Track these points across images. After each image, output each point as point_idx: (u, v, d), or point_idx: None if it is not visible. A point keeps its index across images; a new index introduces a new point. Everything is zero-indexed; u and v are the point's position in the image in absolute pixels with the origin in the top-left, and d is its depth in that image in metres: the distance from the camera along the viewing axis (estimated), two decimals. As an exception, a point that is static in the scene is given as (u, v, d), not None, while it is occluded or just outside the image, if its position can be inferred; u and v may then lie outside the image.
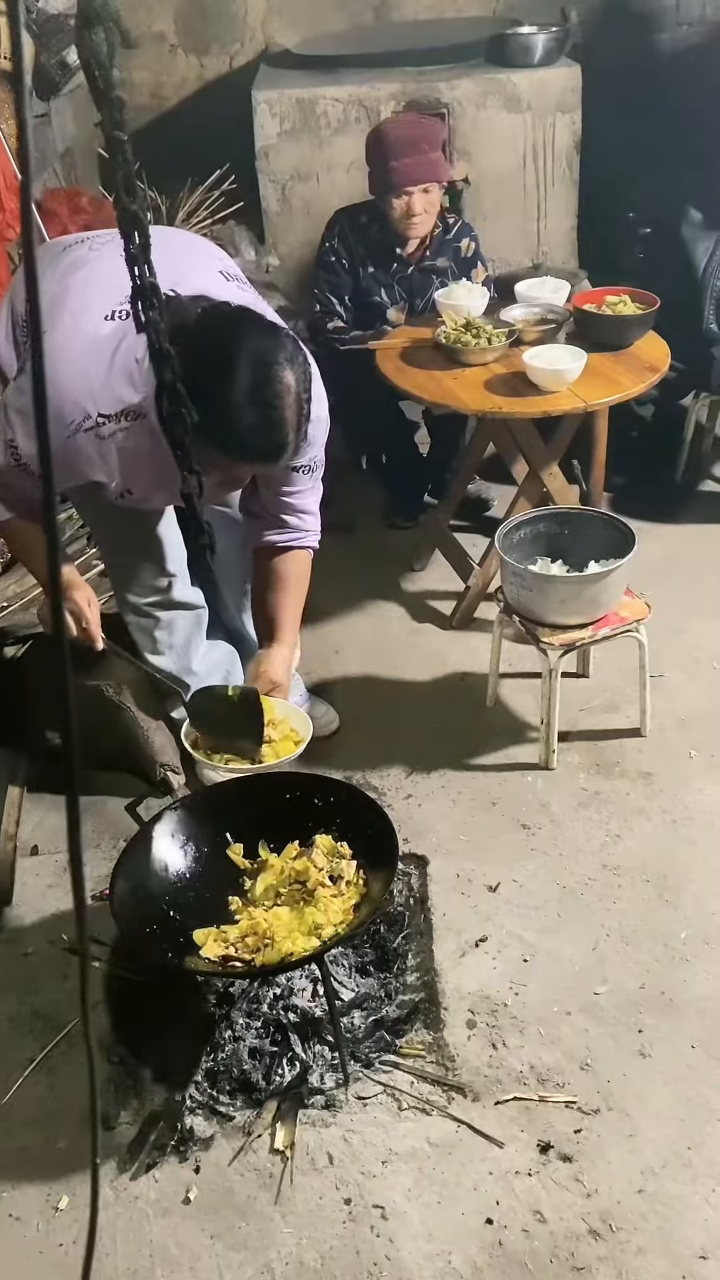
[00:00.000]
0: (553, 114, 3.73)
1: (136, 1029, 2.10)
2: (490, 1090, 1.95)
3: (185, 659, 2.51)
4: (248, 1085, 1.98)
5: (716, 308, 3.31)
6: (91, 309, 1.87)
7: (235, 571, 2.43)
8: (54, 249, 2.13)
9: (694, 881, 2.31)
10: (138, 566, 2.35)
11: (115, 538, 2.37)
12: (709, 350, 3.27)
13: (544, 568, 2.57)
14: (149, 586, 2.38)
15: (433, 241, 3.23)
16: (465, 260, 3.31)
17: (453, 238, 3.27)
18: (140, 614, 2.43)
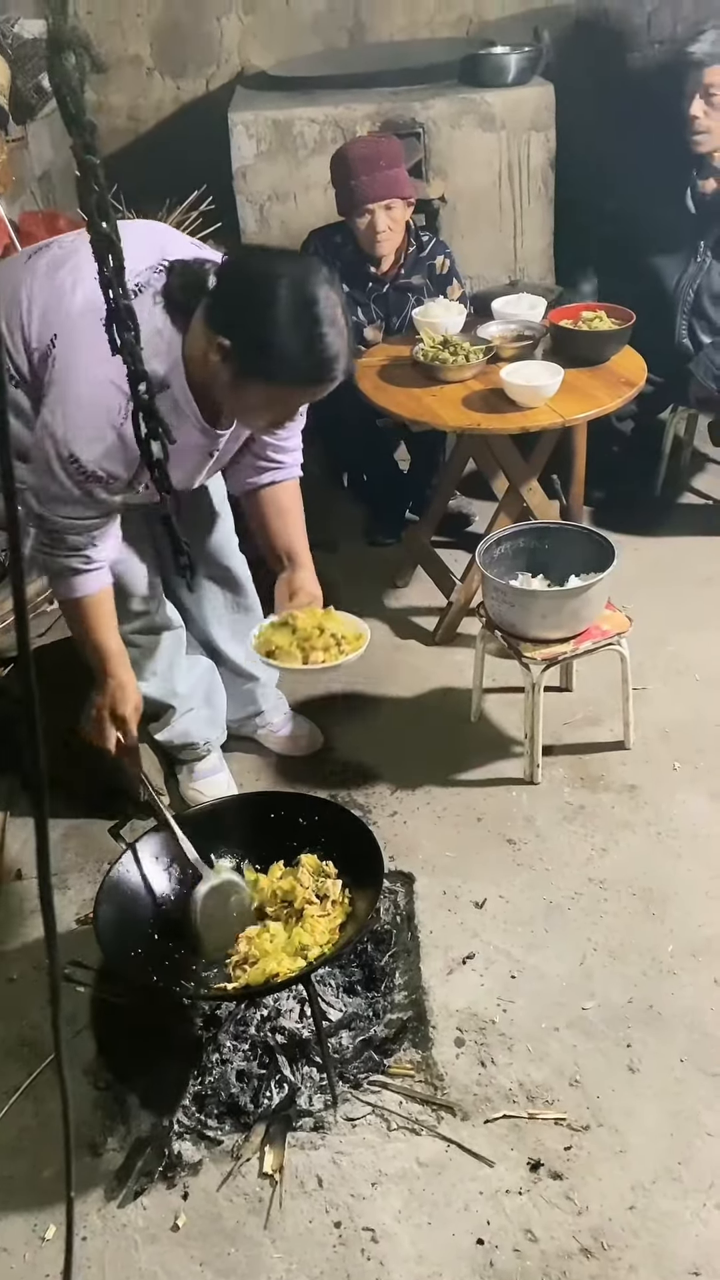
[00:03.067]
0: (527, 132, 3.76)
1: (123, 1053, 2.08)
2: (479, 1108, 1.94)
3: (169, 682, 2.50)
4: (236, 1108, 1.96)
5: (689, 322, 3.34)
6: (94, 296, 1.76)
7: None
8: (19, 260, 2.09)
9: (679, 894, 2.31)
10: (119, 594, 2.26)
11: None
12: (684, 364, 3.29)
13: (525, 583, 2.58)
14: (131, 613, 2.34)
15: (407, 259, 3.25)
16: (440, 277, 3.33)
17: (427, 255, 3.29)
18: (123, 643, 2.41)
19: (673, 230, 3.30)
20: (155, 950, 1.99)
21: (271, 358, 1.76)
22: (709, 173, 3.21)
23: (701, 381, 3.25)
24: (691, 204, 3.25)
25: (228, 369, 1.80)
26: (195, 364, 1.86)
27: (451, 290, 3.34)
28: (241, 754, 2.80)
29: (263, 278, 1.76)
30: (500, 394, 2.77)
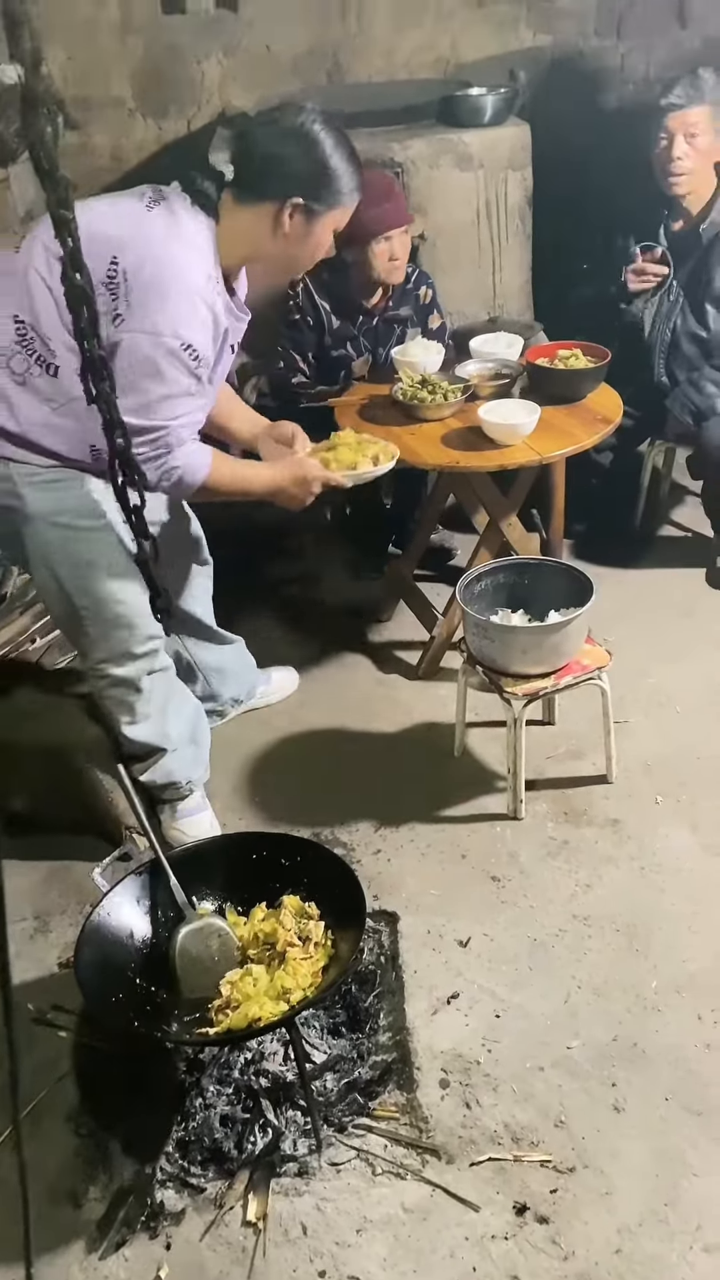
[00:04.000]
0: (504, 171, 3.80)
1: (105, 1099, 2.06)
2: (465, 1151, 1.93)
3: (162, 725, 2.49)
4: (219, 1155, 1.94)
5: (666, 361, 3.37)
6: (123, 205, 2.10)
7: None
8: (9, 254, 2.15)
9: (663, 929, 2.31)
10: (120, 634, 2.31)
11: (99, 600, 2.28)
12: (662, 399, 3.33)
13: (505, 618, 2.59)
14: (131, 655, 2.35)
15: (395, 291, 3.31)
16: (424, 307, 3.40)
17: (413, 286, 3.37)
18: (120, 685, 2.39)
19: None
20: (137, 994, 1.97)
21: (333, 187, 2.11)
22: (679, 214, 3.25)
23: (678, 417, 3.29)
24: (663, 242, 3.30)
25: (299, 221, 2.12)
26: (237, 246, 2.14)
27: (432, 319, 3.39)
28: (224, 793, 2.80)
29: (294, 133, 2.08)
30: (479, 431, 2.80)
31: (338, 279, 3.23)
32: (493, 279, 3.94)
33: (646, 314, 3.36)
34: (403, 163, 3.74)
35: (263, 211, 2.11)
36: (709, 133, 3.09)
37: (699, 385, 3.26)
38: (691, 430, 3.29)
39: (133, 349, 2.02)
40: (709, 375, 3.26)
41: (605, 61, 4.23)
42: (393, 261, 3.17)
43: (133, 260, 2.01)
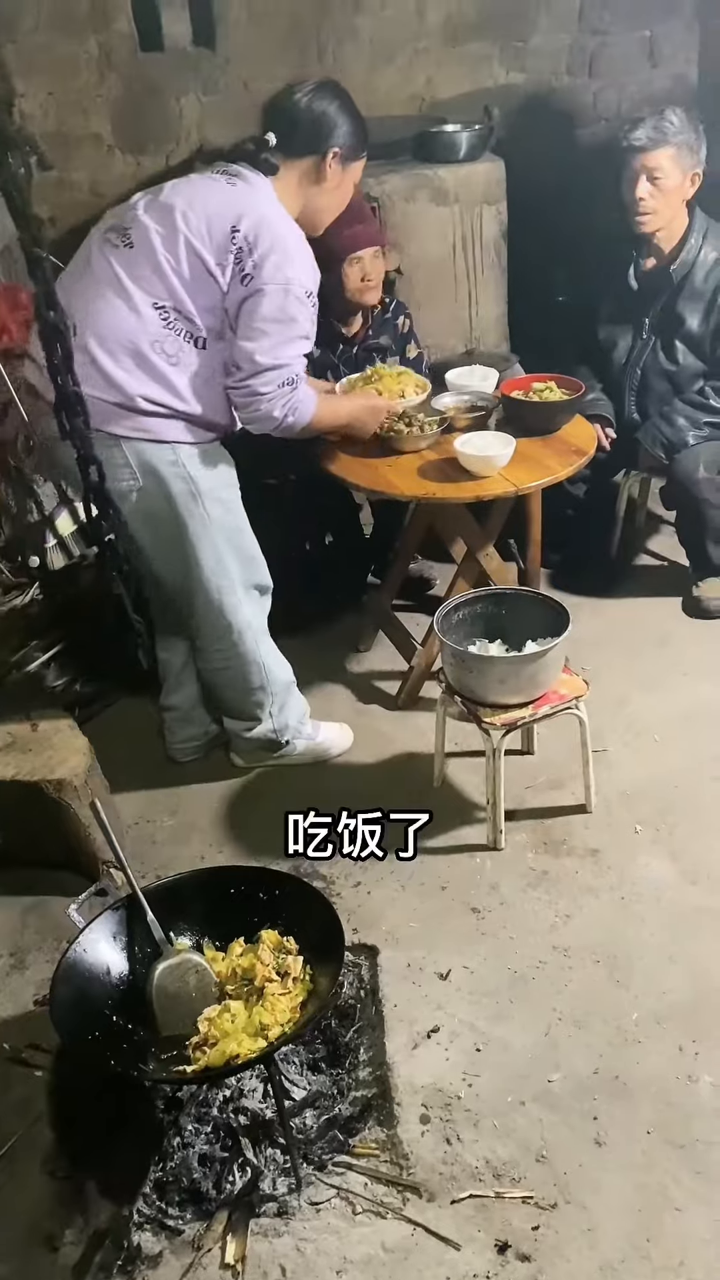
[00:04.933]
0: (479, 206, 3.86)
1: (81, 1140, 2.03)
2: (446, 1189, 1.91)
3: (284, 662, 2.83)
4: (197, 1195, 1.92)
5: (637, 398, 3.41)
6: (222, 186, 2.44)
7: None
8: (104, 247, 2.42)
9: (643, 959, 2.31)
10: (260, 571, 2.68)
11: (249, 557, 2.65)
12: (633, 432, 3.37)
13: (483, 648, 2.60)
14: (266, 587, 2.72)
15: (374, 320, 3.36)
16: (402, 336, 3.44)
17: (391, 316, 3.42)
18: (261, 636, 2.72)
19: (618, 304, 3.39)
20: (114, 1032, 1.95)
21: (358, 137, 2.53)
22: (649, 251, 3.30)
23: (650, 450, 3.32)
24: (634, 281, 3.34)
25: (336, 169, 2.50)
26: (290, 201, 2.48)
27: (410, 349, 3.43)
28: (203, 826, 2.79)
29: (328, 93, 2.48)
30: (454, 463, 2.82)
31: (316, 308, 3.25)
32: (469, 312, 3.99)
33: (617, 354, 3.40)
34: (379, 197, 3.79)
35: (307, 165, 2.49)
36: (675, 174, 3.11)
37: (670, 419, 3.29)
38: (663, 463, 3.32)
39: (267, 299, 2.36)
40: (680, 409, 3.30)
41: (578, 99, 4.29)
42: (365, 282, 3.20)
43: (249, 226, 2.34)
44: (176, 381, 2.40)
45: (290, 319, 2.40)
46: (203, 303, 2.37)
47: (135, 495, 2.45)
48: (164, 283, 2.35)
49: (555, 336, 3.68)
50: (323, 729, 2.96)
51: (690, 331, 3.28)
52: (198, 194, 2.41)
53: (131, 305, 2.35)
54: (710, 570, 3.40)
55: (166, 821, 2.81)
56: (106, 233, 2.44)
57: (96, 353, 2.35)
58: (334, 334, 3.32)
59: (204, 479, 2.49)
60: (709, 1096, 2.02)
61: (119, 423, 2.39)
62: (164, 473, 2.44)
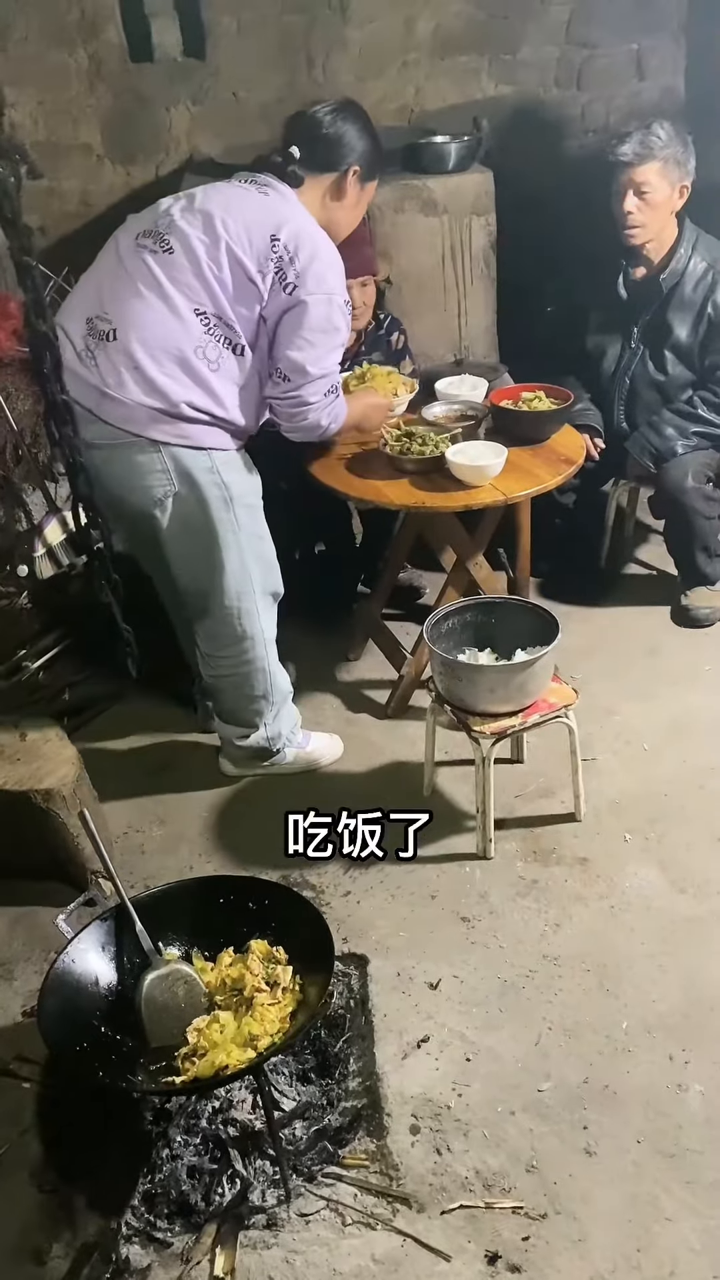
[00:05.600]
0: (468, 216, 3.88)
1: (69, 1152, 2.02)
2: (436, 1199, 1.90)
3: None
4: (186, 1207, 1.90)
5: (626, 407, 3.43)
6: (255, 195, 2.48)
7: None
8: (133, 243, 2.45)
9: (633, 968, 2.31)
10: (274, 578, 2.70)
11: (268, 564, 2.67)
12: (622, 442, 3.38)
13: (472, 657, 2.60)
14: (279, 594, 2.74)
15: (367, 336, 3.37)
16: (395, 353, 3.45)
17: (385, 332, 3.44)
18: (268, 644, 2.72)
19: (607, 314, 3.40)
20: (102, 1043, 1.94)
21: (377, 159, 2.59)
22: (638, 261, 3.31)
23: (638, 459, 3.33)
24: (623, 290, 3.36)
25: (355, 187, 2.56)
26: (312, 213, 2.51)
27: (404, 365, 3.44)
28: (191, 836, 2.78)
29: (352, 114, 2.55)
30: (445, 472, 2.82)
31: None
32: (458, 322, 4.00)
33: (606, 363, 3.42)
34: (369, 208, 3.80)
35: (327, 181, 2.54)
36: (662, 188, 3.12)
37: (658, 428, 3.31)
38: (651, 473, 3.34)
39: (313, 309, 2.41)
40: (668, 419, 3.31)
41: (566, 111, 4.32)
42: (354, 310, 3.19)
43: (288, 235, 2.38)
44: (219, 388, 2.42)
45: (335, 328, 2.47)
46: (242, 310, 2.41)
47: (171, 501, 2.46)
48: (206, 289, 2.38)
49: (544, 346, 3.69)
50: (313, 738, 2.95)
51: (679, 341, 3.29)
52: (233, 202, 2.44)
53: (174, 310, 2.36)
54: (699, 579, 3.41)
55: (155, 831, 2.81)
56: (140, 238, 2.43)
57: (140, 358, 2.35)
58: None
59: (236, 485, 2.52)
60: (699, 1106, 2.02)
61: (160, 428, 2.39)
62: (200, 480, 2.45)
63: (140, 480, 2.43)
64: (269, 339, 2.46)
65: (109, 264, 2.47)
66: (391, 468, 2.90)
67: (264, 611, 2.68)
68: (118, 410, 2.36)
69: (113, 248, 2.49)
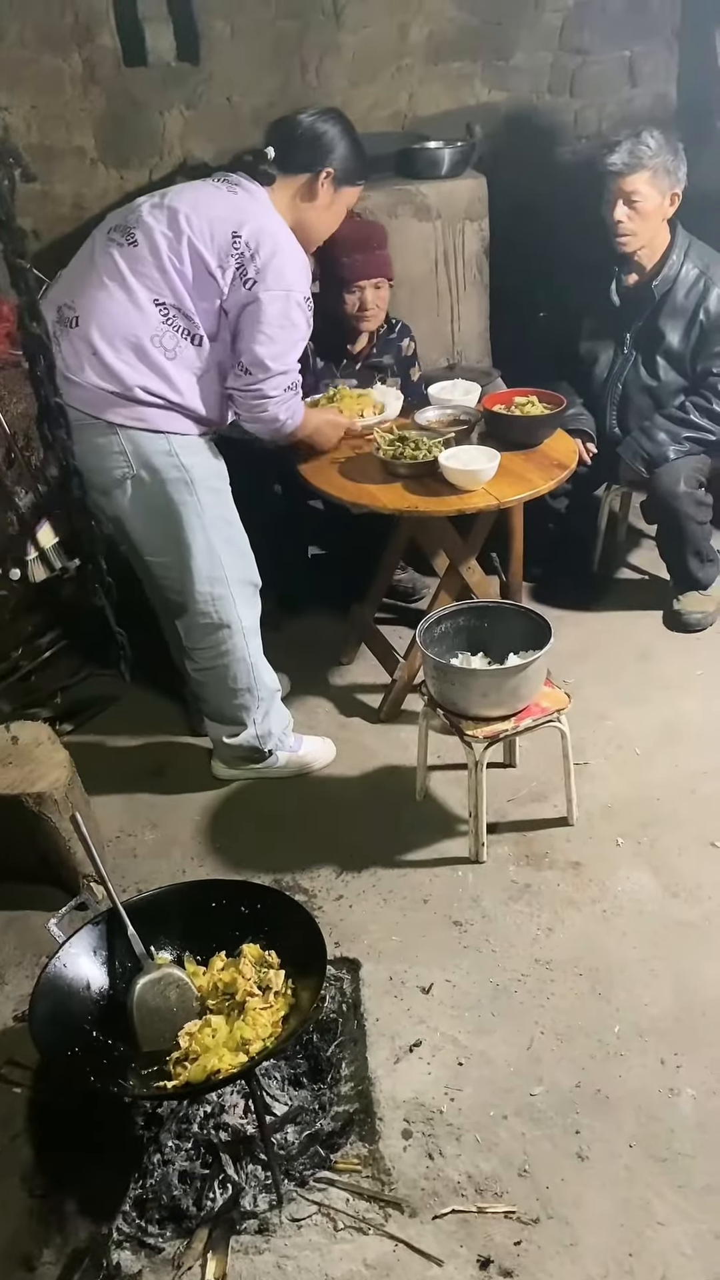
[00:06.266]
0: (461, 222, 3.88)
1: (60, 1157, 2.01)
2: (428, 1204, 1.90)
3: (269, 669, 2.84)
4: (177, 1213, 1.90)
5: (618, 413, 3.44)
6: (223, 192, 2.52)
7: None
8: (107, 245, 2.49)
9: (625, 972, 2.31)
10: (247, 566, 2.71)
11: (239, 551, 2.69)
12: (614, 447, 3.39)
13: (465, 661, 2.61)
14: (256, 583, 2.73)
15: (378, 339, 3.40)
16: (405, 359, 3.48)
17: (396, 336, 3.46)
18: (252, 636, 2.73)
19: (599, 320, 3.41)
20: (94, 1048, 1.94)
21: (353, 164, 2.61)
22: (631, 267, 3.32)
23: (630, 464, 3.34)
24: (615, 297, 3.37)
25: (328, 190, 2.58)
26: (284, 213, 2.54)
27: (413, 372, 3.46)
28: (184, 839, 2.78)
29: (329, 118, 2.58)
30: (438, 476, 2.82)
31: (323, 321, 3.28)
32: (451, 327, 4.01)
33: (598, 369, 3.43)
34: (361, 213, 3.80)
35: (300, 181, 2.57)
36: (652, 196, 3.13)
37: (651, 434, 3.31)
38: (643, 478, 3.34)
39: (270, 305, 2.45)
40: (660, 424, 3.32)
41: (559, 117, 4.33)
42: (363, 311, 3.27)
43: (250, 233, 2.42)
44: (173, 375, 2.48)
45: (294, 324, 2.52)
46: (202, 303, 2.46)
47: (130, 484, 2.52)
48: (166, 281, 2.44)
49: (537, 351, 3.70)
50: (305, 742, 2.95)
51: (671, 347, 3.30)
52: (200, 199, 2.50)
53: (134, 300, 2.44)
54: (691, 584, 3.42)
55: (147, 835, 2.80)
56: (110, 232, 2.51)
57: (98, 344, 2.42)
58: (339, 349, 3.36)
59: (197, 468, 2.55)
60: (690, 1110, 2.02)
61: (117, 411, 2.46)
62: (158, 462, 2.51)
63: (100, 462, 2.48)
64: (231, 333, 2.52)
65: (83, 256, 2.56)
66: (385, 472, 2.91)
67: (240, 600, 2.69)
68: (76, 393, 2.41)
69: (90, 241, 2.57)
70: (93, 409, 2.44)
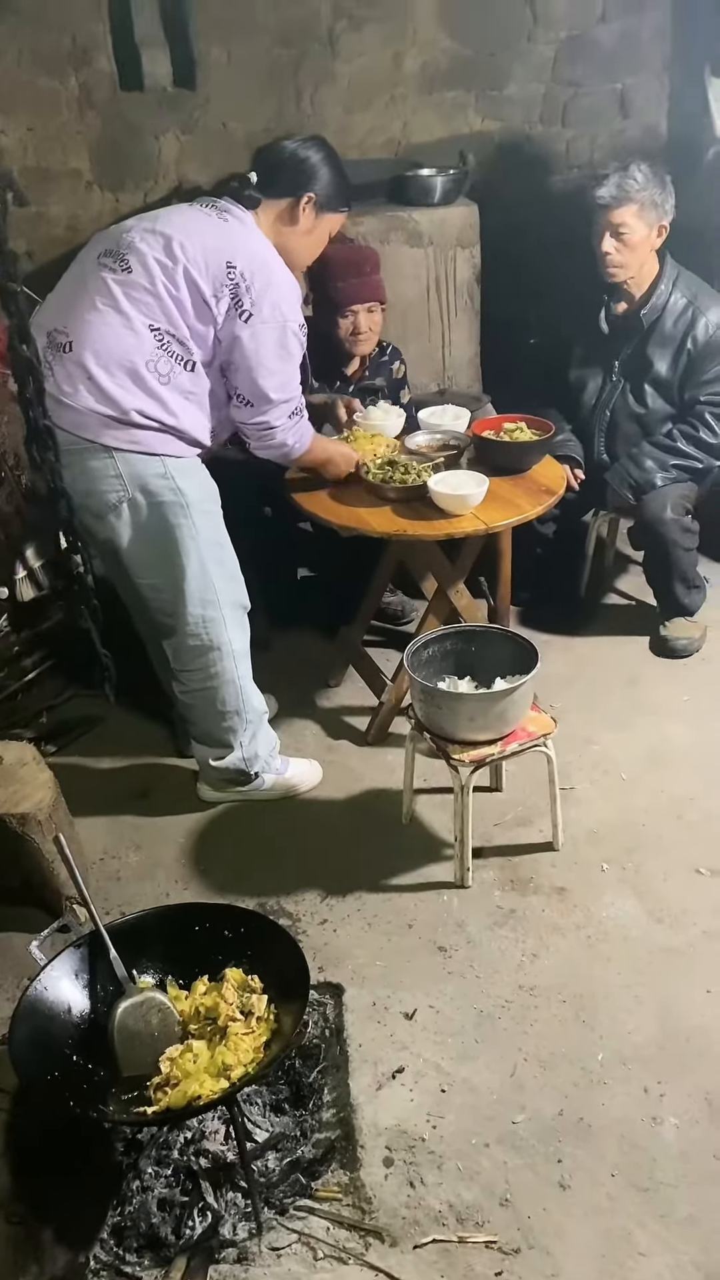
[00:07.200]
0: (453, 249, 3.92)
1: (39, 1183, 1.99)
2: (408, 1233, 1.89)
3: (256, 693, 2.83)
4: (156, 1240, 1.88)
5: (607, 439, 3.46)
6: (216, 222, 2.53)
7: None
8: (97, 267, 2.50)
9: (609, 999, 2.30)
10: (237, 589, 2.70)
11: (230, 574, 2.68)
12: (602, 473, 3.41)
13: (452, 685, 2.61)
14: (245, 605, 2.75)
15: (371, 362, 3.42)
16: (396, 382, 3.51)
17: (387, 359, 3.49)
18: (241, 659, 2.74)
19: (589, 347, 3.44)
20: (74, 1072, 1.92)
21: (336, 190, 2.63)
22: (620, 296, 3.35)
23: (618, 490, 3.36)
24: (604, 325, 3.40)
25: (310, 214, 2.60)
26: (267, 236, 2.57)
27: (404, 394, 3.49)
28: (168, 862, 2.76)
29: (312, 143, 2.62)
30: (427, 501, 2.84)
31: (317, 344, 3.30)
32: (442, 352, 4.03)
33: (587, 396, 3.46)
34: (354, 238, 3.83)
35: (283, 206, 2.60)
36: (640, 228, 3.17)
37: (638, 461, 3.34)
38: (631, 504, 3.36)
39: (267, 337, 2.49)
40: (648, 451, 3.34)
41: (551, 147, 4.38)
42: (355, 335, 3.30)
43: (244, 263, 2.46)
44: (168, 399, 2.49)
45: (290, 354, 2.56)
46: (198, 330, 2.48)
47: (125, 507, 2.52)
48: (161, 307, 2.45)
49: (526, 378, 3.73)
50: (291, 764, 2.95)
51: (659, 375, 3.33)
52: (191, 225, 2.51)
53: (129, 325, 2.44)
54: (677, 610, 3.43)
55: (131, 857, 2.79)
56: (101, 257, 2.51)
57: (93, 368, 2.43)
58: (333, 372, 3.39)
59: (191, 491, 2.56)
60: (673, 1139, 2.02)
61: (111, 434, 2.46)
62: (153, 485, 2.51)
63: (94, 485, 2.49)
64: (223, 361, 2.54)
65: (73, 280, 2.56)
66: (374, 495, 2.92)
67: (230, 623, 2.68)
68: (71, 416, 2.42)
69: (78, 265, 2.57)
70: (88, 433, 2.44)
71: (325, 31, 3.98)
